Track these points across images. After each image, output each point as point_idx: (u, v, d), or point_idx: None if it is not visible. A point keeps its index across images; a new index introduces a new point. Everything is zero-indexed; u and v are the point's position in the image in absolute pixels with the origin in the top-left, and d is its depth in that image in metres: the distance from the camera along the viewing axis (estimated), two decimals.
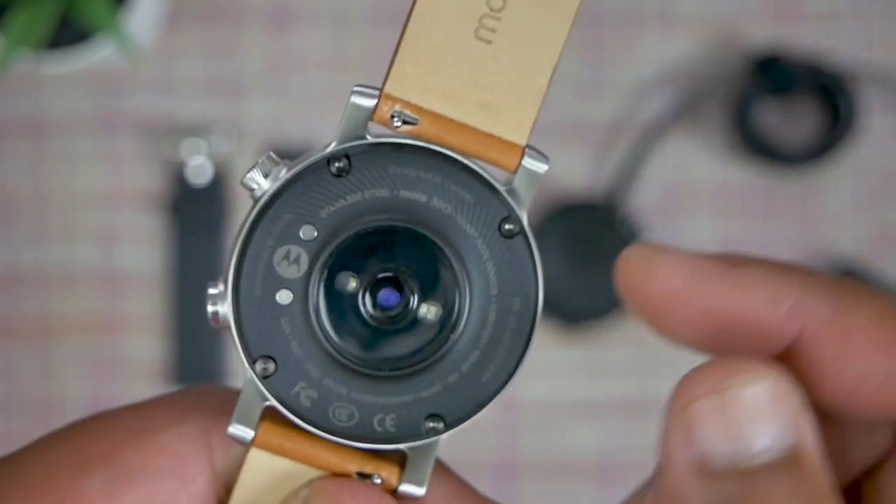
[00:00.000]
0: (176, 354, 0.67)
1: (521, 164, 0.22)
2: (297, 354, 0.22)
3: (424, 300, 0.22)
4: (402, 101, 0.22)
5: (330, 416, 0.22)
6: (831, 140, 0.66)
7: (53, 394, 0.67)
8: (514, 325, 0.22)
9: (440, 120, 0.22)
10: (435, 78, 0.22)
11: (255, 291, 0.22)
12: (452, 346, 0.22)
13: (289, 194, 0.22)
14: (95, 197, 0.67)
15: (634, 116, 0.67)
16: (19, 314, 0.67)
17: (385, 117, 0.22)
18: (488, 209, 0.22)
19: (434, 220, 0.22)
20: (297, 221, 0.22)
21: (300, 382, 0.22)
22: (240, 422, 0.22)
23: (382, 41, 0.67)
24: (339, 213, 0.22)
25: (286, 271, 0.22)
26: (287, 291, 0.22)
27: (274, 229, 0.22)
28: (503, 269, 0.22)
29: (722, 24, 0.68)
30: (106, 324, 0.67)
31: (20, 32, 0.58)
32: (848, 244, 0.67)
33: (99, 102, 0.67)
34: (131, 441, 0.22)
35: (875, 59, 0.67)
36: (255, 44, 0.68)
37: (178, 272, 0.67)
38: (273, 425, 0.22)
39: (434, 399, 0.22)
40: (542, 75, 0.22)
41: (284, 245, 0.22)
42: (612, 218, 0.66)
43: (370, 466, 0.22)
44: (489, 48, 0.22)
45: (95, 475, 0.22)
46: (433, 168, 0.22)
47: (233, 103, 0.68)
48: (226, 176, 0.67)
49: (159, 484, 0.22)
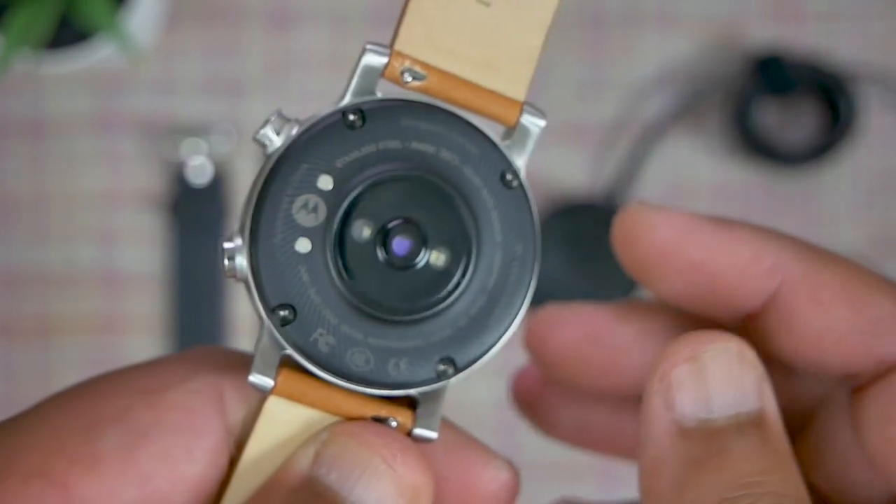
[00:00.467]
0: None
1: (519, 120, 0.24)
2: (316, 301, 0.23)
3: (436, 247, 0.23)
4: (411, 58, 0.23)
5: (347, 361, 0.23)
6: (831, 140, 0.66)
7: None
8: (517, 271, 0.24)
9: (446, 76, 0.23)
10: (440, 37, 0.23)
11: (273, 240, 0.23)
12: (462, 291, 0.23)
13: (305, 146, 0.23)
14: (95, 197, 0.67)
15: (634, 116, 0.67)
16: (19, 314, 0.67)
17: (395, 73, 0.23)
18: (491, 161, 0.23)
19: (443, 170, 0.23)
20: (314, 171, 0.23)
21: (319, 329, 0.23)
22: (259, 371, 0.22)
23: (382, 41, 0.67)
24: (354, 163, 0.23)
25: (305, 220, 0.23)
26: (306, 240, 0.23)
27: (292, 178, 0.23)
28: (506, 218, 0.23)
29: (722, 24, 0.68)
30: (106, 324, 0.67)
31: (20, 32, 0.58)
32: (848, 244, 0.67)
33: (99, 102, 0.67)
34: (142, 399, 0.23)
35: (875, 59, 0.67)
36: (255, 44, 0.68)
37: (178, 272, 0.67)
38: (291, 373, 0.23)
39: (445, 343, 0.23)
40: (537, 35, 0.24)
41: (303, 194, 0.23)
42: (612, 218, 0.66)
43: (385, 411, 0.23)
44: (488, 10, 0.23)
45: (108, 433, 0.22)
46: (441, 122, 0.23)
47: (233, 103, 0.68)
48: (226, 176, 0.67)
49: (173, 439, 0.22)
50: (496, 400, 0.59)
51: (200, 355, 0.24)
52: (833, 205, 0.68)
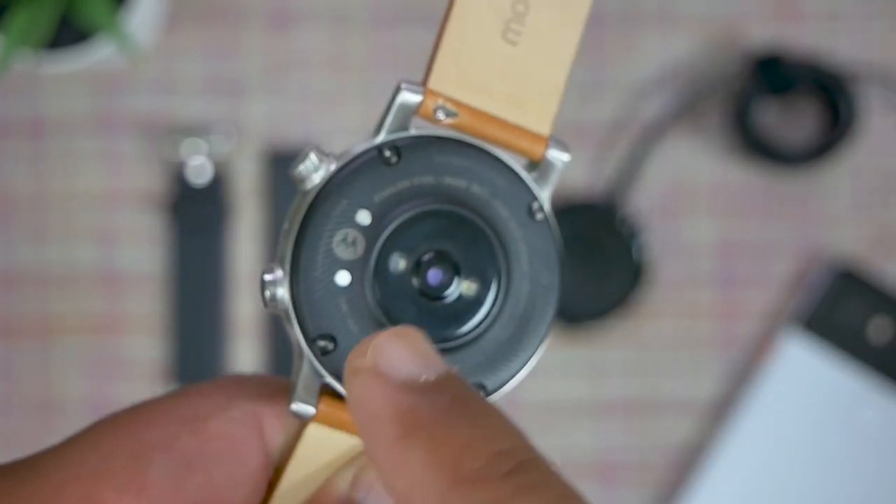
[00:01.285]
0: (176, 354, 0.67)
1: (545, 154, 0.25)
2: (354, 332, 0.23)
3: (468, 277, 0.24)
4: (443, 96, 0.24)
5: None
6: (831, 140, 0.66)
7: (53, 394, 0.67)
8: (542, 299, 0.25)
9: (476, 113, 0.24)
10: (471, 75, 0.24)
11: (314, 273, 0.23)
12: (493, 319, 0.24)
13: (344, 182, 0.23)
14: (95, 197, 0.67)
15: (634, 116, 0.67)
16: (19, 314, 0.67)
17: (429, 111, 0.24)
18: (519, 194, 0.24)
19: (474, 203, 0.24)
20: (353, 206, 0.23)
21: None
22: (301, 399, 0.23)
23: (382, 41, 0.67)
24: (391, 198, 0.24)
25: (344, 253, 0.23)
26: (346, 272, 0.23)
27: (333, 213, 0.23)
28: (533, 248, 0.24)
29: (722, 24, 0.68)
30: (106, 324, 0.67)
31: (20, 32, 0.58)
32: (848, 244, 0.67)
33: (99, 102, 0.67)
34: (186, 427, 0.23)
35: (875, 59, 0.67)
36: (255, 44, 0.68)
37: (178, 272, 0.67)
38: (330, 400, 0.24)
39: (476, 369, 0.24)
40: (561, 72, 0.25)
41: (343, 228, 0.23)
42: (612, 218, 0.66)
43: None
44: (515, 49, 0.24)
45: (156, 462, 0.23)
46: (472, 157, 0.24)
47: (233, 103, 0.68)
48: (226, 176, 0.67)
49: (217, 468, 0.23)
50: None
51: (237, 382, 0.25)
52: (833, 205, 0.68)
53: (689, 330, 0.67)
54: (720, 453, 0.65)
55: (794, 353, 0.65)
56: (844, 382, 0.65)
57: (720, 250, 0.67)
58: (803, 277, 0.67)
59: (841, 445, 0.65)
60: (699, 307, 0.67)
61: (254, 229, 0.68)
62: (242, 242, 0.68)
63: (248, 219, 0.68)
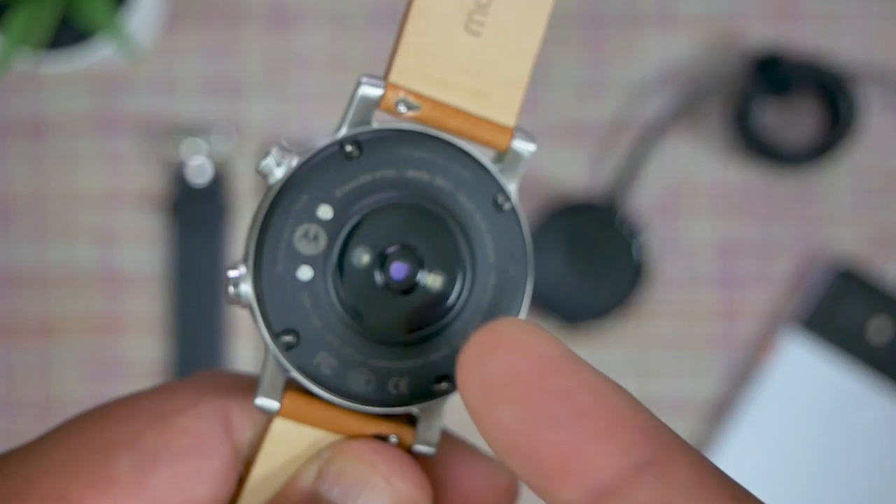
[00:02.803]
0: (176, 354, 0.67)
1: (510, 145, 0.24)
2: (318, 326, 0.23)
3: (432, 270, 0.24)
4: (405, 89, 0.24)
5: (349, 382, 0.23)
6: (831, 140, 0.66)
7: (53, 394, 0.67)
8: (510, 290, 0.24)
9: (439, 105, 0.24)
10: (433, 68, 0.24)
11: (276, 269, 0.23)
12: (458, 312, 0.24)
13: (305, 177, 0.23)
14: (95, 197, 0.67)
15: (634, 116, 0.67)
16: (19, 314, 0.67)
17: (390, 104, 0.24)
18: (484, 186, 0.24)
19: (438, 196, 0.24)
20: (314, 201, 0.23)
21: (321, 352, 0.23)
22: (265, 394, 0.23)
23: (382, 41, 0.67)
24: (352, 192, 0.23)
25: (306, 248, 0.23)
26: (308, 267, 0.23)
27: (293, 209, 0.23)
28: (499, 240, 0.24)
29: (722, 24, 0.68)
30: (106, 324, 0.67)
31: (20, 32, 0.58)
32: (848, 244, 0.67)
33: (99, 102, 0.67)
34: (153, 423, 0.23)
35: (875, 59, 0.67)
36: (255, 44, 0.68)
37: (178, 272, 0.67)
38: (296, 395, 0.24)
39: (443, 362, 0.24)
40: (525, 63, 0.25)
41: (304, 224, 0.23)
42: (612, 218, 0.66)
43: (386, 428, 0.24)
44: (478, 40, 0.24)
45: (122, 457, 0.23)
46: (435, 150, 0.24)
47: (233, 103, 0.68)
48: (226, 176, 0.67)
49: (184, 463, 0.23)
50: None
51: (207, 379, 0.25)
52: (833, 205, 0.68)
53: (689, 330, 0.67)
54: (720, 453, 0.65)
55: (795, 353, 0.65)
56: (844, 382, 0.65)
57: (720, 250, 0.67)
58: (803, 277, 0.67)
59: (841, 445, 0.65)
60: (699, 307, 0.67)
61: None
62: (242, 242, 0.68)
63: (248, 219, 0.68)
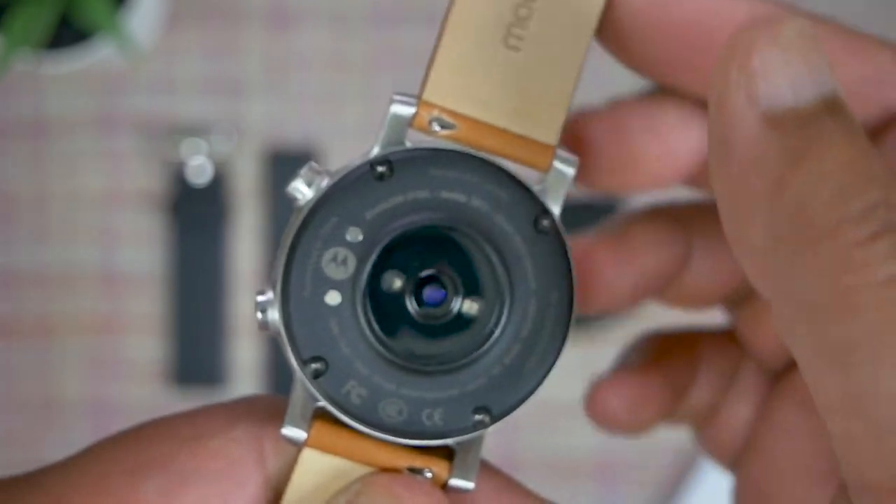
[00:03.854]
0: (176, 354, 0.67)
1: (552, 165, 0.23)
2: (347, 353, 0.22)
3: (467, 296, 0.23)
4: (439, 107, 0.23)
5: (379, 412, 0.23)
6: None
7: (53, 394, 0.67)
8: (553, 317, 0.23)
9: (476, 124, 0.23)
10: (469, 84, 0.23)
11: (304, 294, 0.22)
12: (496, 340, 0.23)
13: (334, 199, 0.22)
14: (95, 197, 0.67)
15: None
16: (19, 314, 0.67)
17: (424, 123, 0.23)
18: (524, 207, 0.23)
19: (474, 218, 0.23)
20: (343, 224, 0.22)
21: (350, 381, 0.23)
22: (293, 423, 0.22)
23: (382, 41, 0.67)
24: (383, 215, 0.22)
25: (334, 273, 0.22)
26: (336, 292, 0.22)
27: (321, 233, 0.22)
28: (540, 264, 0.23)
29: None
30: (106, 324, 0.67)
31: (20, 32, 0.58)
32: None
33: (99, 102, 0.67)
34: (185, 446, 0.23)
35: None
36: (255, 44, 0.68)
37: (178, 272, 0.67)
38: (325, 424, 0.23)
39: (480, 392, 0.23)
40: (568, 79, 0.24)
41: (332, 247, 0.22)
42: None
43: (420, 461, 0.23)
44: (518, 55, 0.23)
45: (151, 479, 0.22)
46: (471, 170, 0.23)
47: (233, 103, 0.68)
48: (226, 176, 0.67)
49: (213, 487, 0.22)
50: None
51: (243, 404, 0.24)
52: None
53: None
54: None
55: None
56: None
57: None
58: None
59: None
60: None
61: (254, 229, 0.68)
62: (242, 242, 0.68)
63: (248, 219, 0.68)
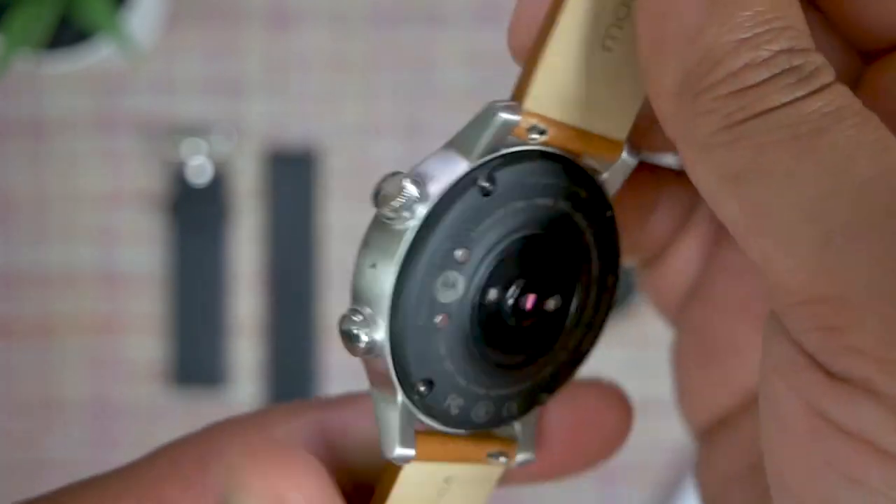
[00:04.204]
0: (176, 354, 0.67)
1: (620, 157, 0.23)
2: (450, 370, 0.23)
3: (552, 296, 0.23)
4: (538, 115, 0.22)
5: (472, 416, 0.23)
6: None
7: (53, 394, 0.67)
8: (607, 299, 0.24)
9: (563, 127, 0.22)
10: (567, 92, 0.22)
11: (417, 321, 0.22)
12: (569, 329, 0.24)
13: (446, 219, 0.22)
14: (95, 197, 0.67)
15: None
16: (19, 314, 0.67)
17: (522, 132, 0.22)
18: (596, 202, 0.23)
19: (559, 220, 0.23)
20: (455, 246, 0.22)
21: (451, 395, 0.23)
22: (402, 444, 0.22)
23: (382, 41, 0.67)
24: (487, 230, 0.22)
25: (445, 296, 0.22)
26: (445, 315, 0.22)
27: (437, 258, 0.22)
28: (602, 252, 0.24)
29: None
30: (106, 324, 0.67)
31: (20, 32, 0.58)
32: None
33: (99, 102, 0.67)
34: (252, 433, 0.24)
35: None
36: (255, 44, 0.68)
37: (178, 272, 0.67)
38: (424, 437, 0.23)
39: (546, 379, 0.24)
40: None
41: (445, 271, 0.22)
42: None
43: (493, 445, 0.24)
44: (610, 55, 0.22)
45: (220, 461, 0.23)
46: (560, 174, 0.23)
47: (233, 103, 0.68)
48: (226, 176, 0.67)
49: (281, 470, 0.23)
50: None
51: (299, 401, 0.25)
52: None
53: None
54: None
55: None
56: None
57: None
58: None
59: None
60: None
61: (254, 229, 0.68)
62: (242, 242, 0.68)
63: (248, 219, 0.68)
